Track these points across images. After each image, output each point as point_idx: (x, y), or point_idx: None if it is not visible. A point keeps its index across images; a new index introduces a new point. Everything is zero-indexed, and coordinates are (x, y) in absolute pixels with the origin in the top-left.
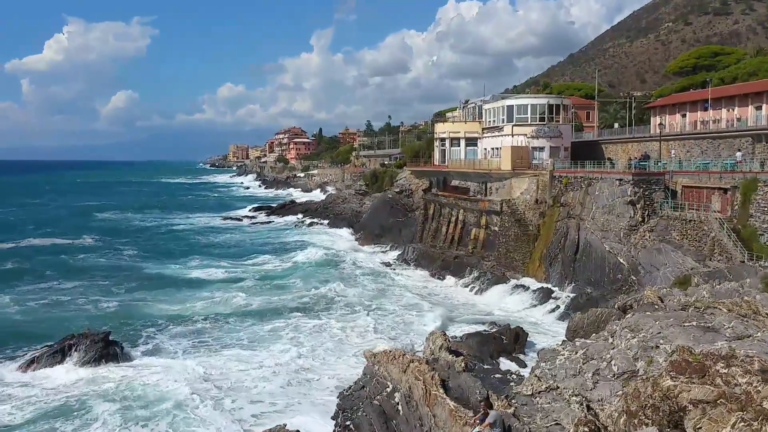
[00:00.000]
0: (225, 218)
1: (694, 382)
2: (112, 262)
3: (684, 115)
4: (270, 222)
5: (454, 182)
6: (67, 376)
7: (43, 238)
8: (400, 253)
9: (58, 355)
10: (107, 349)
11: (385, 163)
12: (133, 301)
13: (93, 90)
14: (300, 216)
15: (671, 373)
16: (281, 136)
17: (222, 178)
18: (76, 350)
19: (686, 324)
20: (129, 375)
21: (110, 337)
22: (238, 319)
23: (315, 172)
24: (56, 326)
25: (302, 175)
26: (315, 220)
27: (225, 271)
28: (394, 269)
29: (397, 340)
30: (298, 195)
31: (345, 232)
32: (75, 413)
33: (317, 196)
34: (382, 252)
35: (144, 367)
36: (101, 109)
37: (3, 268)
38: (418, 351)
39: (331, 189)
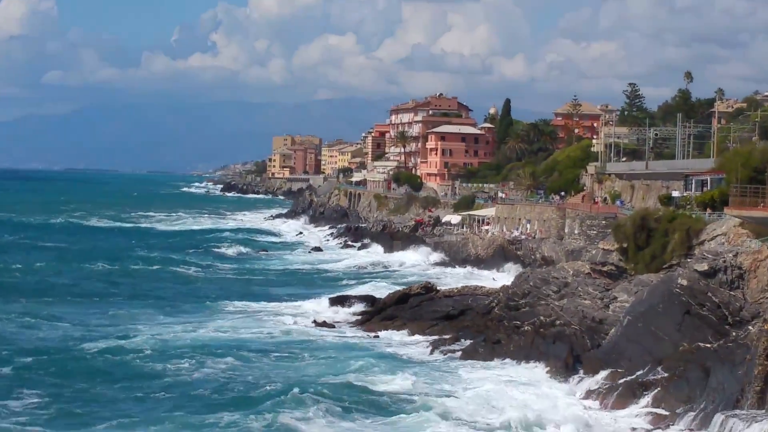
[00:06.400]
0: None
1: None
2: None
3: None
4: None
5: None
6: None
7: None
8: None
9: None
10: None
11: (673, 195)
12: None
13: None
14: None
15: None
16: (405, 117)
17: (249, 220)
18: None
19: None
20: None
21: None
22: None
23: (488, 212)
24: None
25: (455, 219)
26: (491, 348)
27: None
28: None
29: None
30: (440, 274)
31: (558, 388)
32: None
33: (494, 274)
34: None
35: None
36: None
37: None
38: None
39: (529, 252)
